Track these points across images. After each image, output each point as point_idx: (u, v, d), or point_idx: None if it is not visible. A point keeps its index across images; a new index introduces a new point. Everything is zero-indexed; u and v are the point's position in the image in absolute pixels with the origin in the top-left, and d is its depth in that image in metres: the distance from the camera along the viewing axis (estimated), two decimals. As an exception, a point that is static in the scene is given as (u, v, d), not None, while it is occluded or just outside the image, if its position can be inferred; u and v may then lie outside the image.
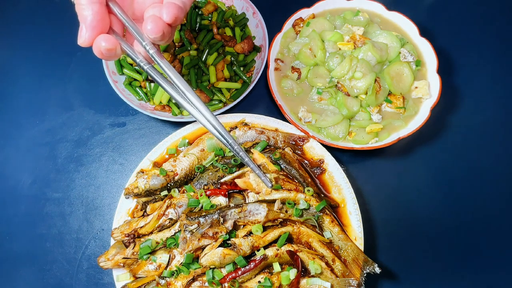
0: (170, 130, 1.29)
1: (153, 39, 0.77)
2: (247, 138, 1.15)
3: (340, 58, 1.20)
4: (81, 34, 0.74)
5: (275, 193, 1.03)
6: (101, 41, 0.74)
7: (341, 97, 1.18)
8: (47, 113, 1.34)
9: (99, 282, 1.12)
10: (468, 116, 1.27)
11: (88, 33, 0.73)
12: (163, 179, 1.08)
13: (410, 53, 1.22)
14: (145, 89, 1.27)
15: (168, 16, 0.75)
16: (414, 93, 1.20)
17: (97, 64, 1.30)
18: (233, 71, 1.28)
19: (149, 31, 0.74)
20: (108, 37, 0.74)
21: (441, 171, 1.21)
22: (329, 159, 1.12)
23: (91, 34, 0.74)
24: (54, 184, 1.24)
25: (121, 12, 0.79)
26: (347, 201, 1.07)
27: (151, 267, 0.99)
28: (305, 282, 0.95)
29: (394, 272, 1.10)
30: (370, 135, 1.16)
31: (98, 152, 1.28)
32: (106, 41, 0.74)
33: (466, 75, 1.33)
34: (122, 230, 1.05)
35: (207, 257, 0.93)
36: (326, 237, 1.02)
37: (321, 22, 1.29)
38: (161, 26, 0.75)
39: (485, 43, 1.39)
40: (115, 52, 0.76)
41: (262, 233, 0.98)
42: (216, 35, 1.31)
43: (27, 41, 1.46)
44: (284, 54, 1.30)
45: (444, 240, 1.13)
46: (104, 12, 0.75)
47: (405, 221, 1.15)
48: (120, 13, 0.79)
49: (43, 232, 1.18)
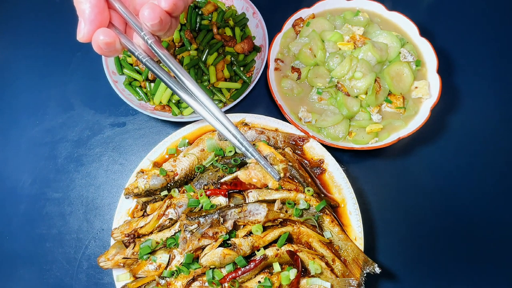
0: (170, 130, 1.29)
1: (151, 28, 0.74)
2: (247, 138, 1.15)
3: (340, 58, 1.20)
4: (79, 28, 0.72)
5: (275, 193, 1.03)
6: (99, 35, 0.72)
7: (341, 97, 1.18)
8: (47, 113, 1.34)
9: (99, 282, 1.12)
10: (468, 116, 1.27)
11: (87, 28, 0.71)
12: (163, 179, 1.08)
13: (410, 53, 1.22)
14: (145, 89, 1.27)
15: (166, 3, 0.72)
16: (414, 93, 1.20)
17: (97, 64, 1.30)
18: (233, 71, 1.28)
19: (146, 17, 0.71)
20: (106, 31, 0.72)
21: (441, 171, 1.21)
22: (329, 159, 1.12)
23: (90, 29, 0.72)
24: (54, 184, 1.24)
25: (121, 6, 0.77)
26: (347, 201, 1.07)
27: (151, 267, 0.99)
28: (305, 282, 0.95)
29: (394, 272, 1.10)
30: (370, 135, 1.16)
31: (98, 152, 1.28)
32: (104, 34, 0.72)
33: (466, 75, 1.33)
34: (122, 230, 1.05)
35: (207, 257, 0.93)
36: (326, 237, 1.02)
37: (321, 22, 1.29)
38: (158, 13, 0.71)
39: (485, 43, 1.39)
40: (114, 46, 0.74)
41: (262, 233, 0.98)
42: (216, 35, 1.31)
43: (27, 41, 1.46)
44: (284, 54, 1.30)
45: (444, 240, 1.13)
46: (103, 6, 0.73)
47: (405, 221, 1.15)
48: (120, 7, 0.77)
49: (43, 232, 1.18)
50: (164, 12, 0.73)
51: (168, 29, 0.77)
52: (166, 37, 0.82)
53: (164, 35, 0.79)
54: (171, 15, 0.75)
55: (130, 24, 0.78)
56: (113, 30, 0.75)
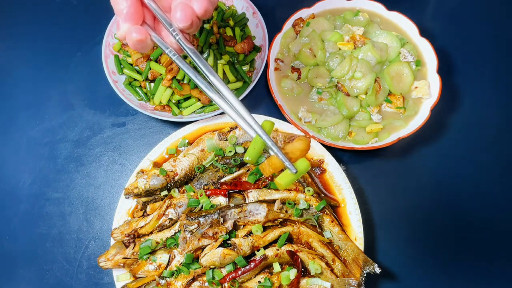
0: (170, 130, 1.29)
1: (181, 28, 0.79)
2: (247, 138, 1.15)
3: (340, 58, 1.20)
4: (118, 27, 0.79)
5: (275, 193, 1.03)
6: (132, 32, 0.77)
7: (341, 97, 1.18)
8: (47, 113, 1.34)
9: (99, 282, 1.12)
10: (468, 116, 1.27)
11: (125, 26, 0.77)
12: (163, 179, 1.08)
13: (410, 53, 1.22)
14: (145, 89, 1.27)
15: (199, 9, 0.77)
16: (414, 93, 1.20)
17: (97, 64, 1.30)
18: (235, 71, 1.28)
19: (178, 19, 0.76)
20: (138, 28, 0.78)
21: (441, 171, 1.21)
22: (329, 159, 1.12)
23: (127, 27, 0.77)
24: (54, 184, 1.24)
25: (150, 2, 0.81)
26: (347, 201, 1.07)
27: (151, 267, 0.99)
28: (305, 282, 0.95)
29: (394, 272, 1.10)
30: (370, 135, 1.16)
31: (98, 152, 1.28)
32: (137, 32, 0.77)
33: (466, 75, 1.33)
34: (122, 230, 1.05)
35: (207, 257, 0.93)
36: (326, 237, 1.02)
37: (321, 22, 1.29)
38: (190, 15, 0.76)
39: (485, 43, 1.39)
40: (146, 42, 0.79)
41: (262, 233, 0.98)
42: (216, 34, 1.31)
43: (28, 41, 1.46)
44: (284, 54, 1.30)
45: (444, 240, 1.13)
46: (138, 5, 0.78)
47: (405, 221, 1.15)
48: (149, 3, 0.81)
49: (43, 232, 1.18)
50: (195, 15, 0.77)
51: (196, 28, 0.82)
52: (192, 33, 0.86)
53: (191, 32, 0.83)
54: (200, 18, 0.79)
55: (160, 21, 0.82)
56: (144, 28, 0.80)
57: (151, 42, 0.82)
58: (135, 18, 0.78)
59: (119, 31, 0.79)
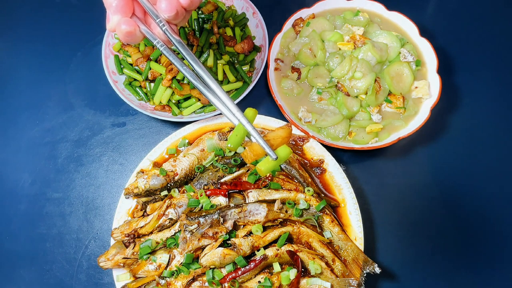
0: (170, 130, 1.29)
1: (167, 18, 0.80)
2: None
3: (340, 58, 1.20)
4: (108, 19, 0.80)
5: (275, 193, 1.03)
6: (121, 24, 0.78)
7: (341, 97, 1.18)
8: (47, 113, 1.34)
9: (99, 282, 1.12)
10: (468, 116, 1.27)
11: (114, 19, 0.78)
12: (163, 179, 1.08)
13: (410, 53, 1.22)
14: (145, 89, 1.27)
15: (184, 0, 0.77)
16: (414, 93, 1.20)
17: (97, 64, 1.31)
18: (235, 71, 1.28)
19: (163, 10, 0.77)
20: (127, 20, 0.79)
21: (441, 171, 1.20)
22: (329, 159, 1.12)
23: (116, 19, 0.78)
24: (54, 184, 1.24)
25: None
26: (347, 201, 1.07)
27: (151, 267, 0.99)
28: (305, 282, 0.95)
29: (394, 272, 1.10)
30: (370, 135, 1.17)
31: (98, 152, 1.28)
32: (125, 24, 0.78)
33: (466, 75, 1.33)
34: (122, 230, 1.05)
35: (207, 257, 0.93)
36: (326, 237, 1.02)
37: (321, 22, 1.29)
38: (174, 5, 0.77)
39: (485, 43, 1.39)
40: (135, 34, 0.80)
41: (262, 233, 0.98)
42: (216, 34, 1.31)
43: (28, 41, 1.46)
44: (284, 54, 1.30)
45: (444, 240, 1.13)
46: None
47: (405, 221, 1.15)
48: None
49: (43, 232, 1.18)
50: (180, 5, 0.78)
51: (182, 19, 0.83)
52: (180, 25, 0.87)
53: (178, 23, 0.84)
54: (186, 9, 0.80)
55: (147, 12, 0.83)
56: (133, 20, 0.81)
57: (141, 34, 0.82)
58: (124, 11, 0.79)
59: (109, 23, 0.80)
